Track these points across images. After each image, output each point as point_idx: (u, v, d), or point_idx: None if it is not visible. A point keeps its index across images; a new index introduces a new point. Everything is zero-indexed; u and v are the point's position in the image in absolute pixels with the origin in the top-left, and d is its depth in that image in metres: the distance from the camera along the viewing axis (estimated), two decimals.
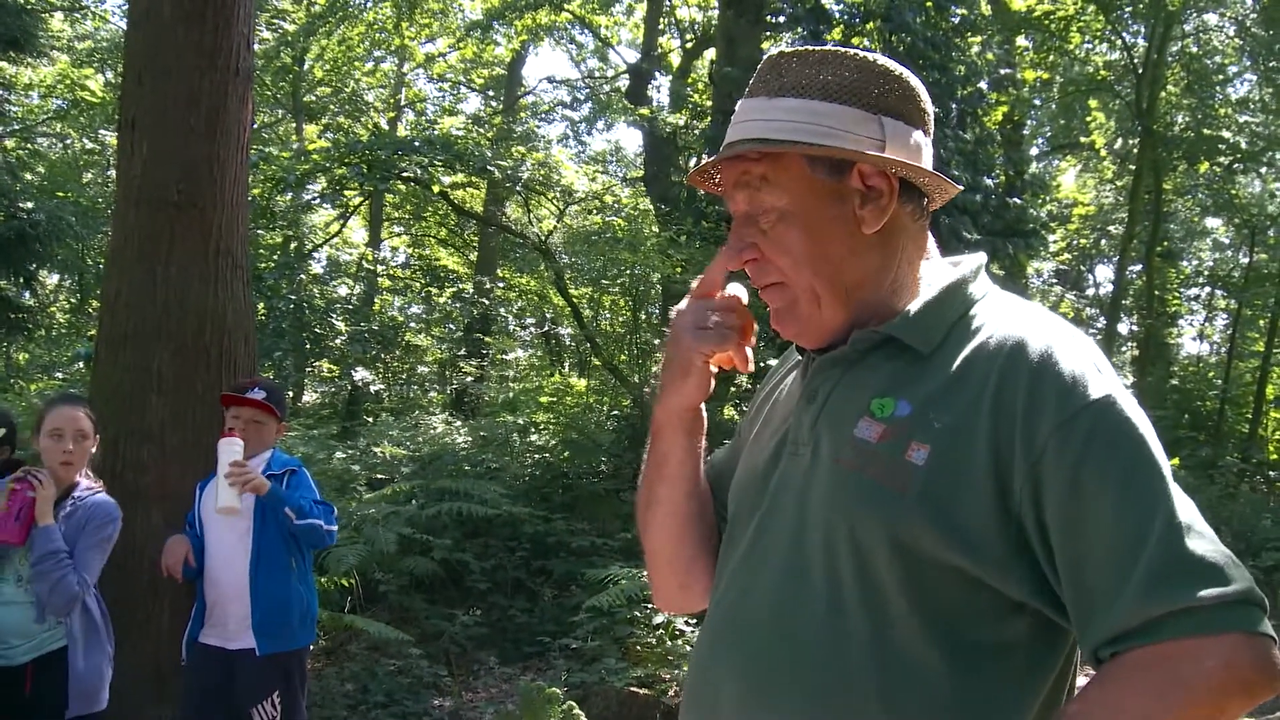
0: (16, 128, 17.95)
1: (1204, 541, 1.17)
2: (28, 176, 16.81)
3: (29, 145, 19.62)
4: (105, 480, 5.06)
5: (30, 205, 12.47)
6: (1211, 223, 22.47)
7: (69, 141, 21.58)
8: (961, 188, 1.48)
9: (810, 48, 1.43)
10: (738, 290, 1.50)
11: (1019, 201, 12.46)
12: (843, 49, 1.42)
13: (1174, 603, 1.14)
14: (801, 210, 1.38)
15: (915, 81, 1.43)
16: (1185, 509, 1.19)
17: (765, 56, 1.46)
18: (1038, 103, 18.87)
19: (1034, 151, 20.81)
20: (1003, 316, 1.35)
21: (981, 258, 1.48)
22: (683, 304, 1.50)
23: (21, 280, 12.04)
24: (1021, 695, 1.28)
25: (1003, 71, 14.23)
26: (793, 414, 1.46)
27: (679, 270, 11.03)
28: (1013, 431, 1.23)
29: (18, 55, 11.30)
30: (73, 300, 18.87)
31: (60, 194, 17.02)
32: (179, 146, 5.37)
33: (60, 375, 15.30)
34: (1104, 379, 1.25)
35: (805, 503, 1.36)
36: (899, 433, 1.30)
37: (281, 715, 4.09)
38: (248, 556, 4.09)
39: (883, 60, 1.42)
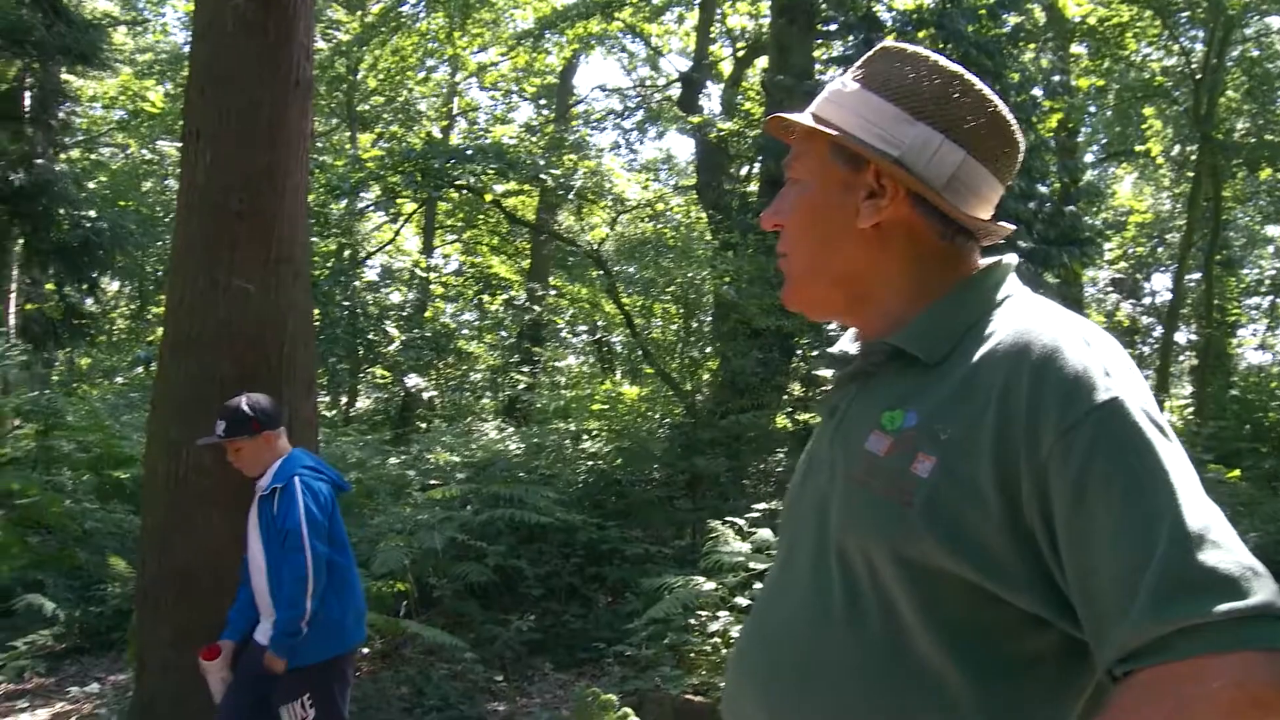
0: (81, 138, 18.28)
1: (1219, 552, 1.11)
2: (90, 186, 17.14)
3: (92, 155, 20.00)
4: (171, 484, 5.18)
5: (93, 214, 12.73)
6: (1272, 230, 22.15)
7: (128, 151, 21.97)
8: (1009, 228, 1.46)
9: (924, 51, 1.43)
10: None
11: (1073, 209, 12.33)
12: (953, 64, 1.41)
13: (1183, 619, 1.08)
14: (813, 187, 1.44)
15: (1007, 124, 1.42)
16: (1200, 518, 1.13)
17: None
18: (1092, 110, 18.69)
19: (1089, 159, 20.61)
20: (1014, 320, 1.31)
21: (1006, 260, 1.45)
22: None
23: (85, 287, 12.33)
24: (1052, 710, 1.25)
25: (1056, 79, 14.09)
26: (818, 430, 1.48)
27: (729, 279, 11.03)
28: (1017, 441, 1.19)
29: (84, 69, 11.55)
30: (133, 306, 19.18)
31: (122, 203, 17.35)
32: (241, 156, 5.43)
33: (121, 379, 15.55)
34: (1112, 381, 1.20)
35: (824, 520, 1.36)
36: (906, 445, 1.28)
37: (317, 718, 4.12)
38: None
39: (981, 87, 1.41)
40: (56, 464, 9.84)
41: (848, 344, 1.54)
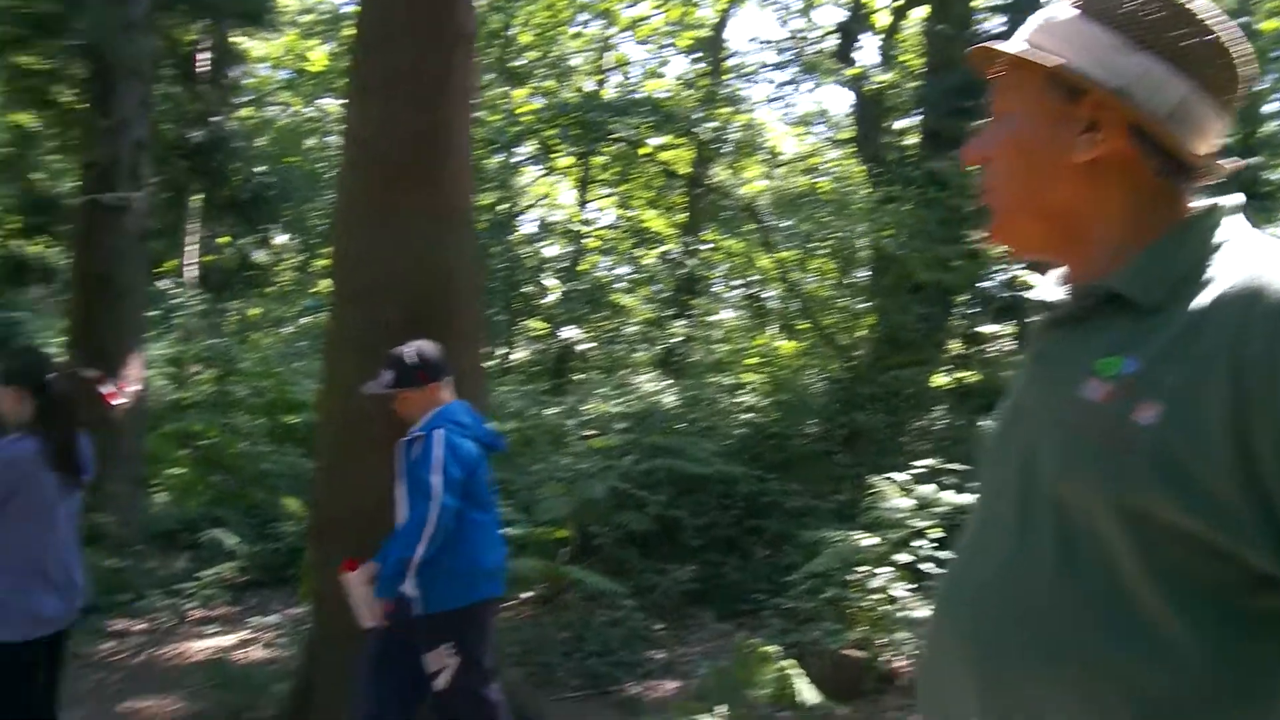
0: (250, 97, 18.94)
1: None
2: (258, 143, 17.78)
3: (260, 114, 20.73)
4: (341, 428, 5.33)
5: (263, 169, 13.24)
6: None
7: (290, 110, 22.68)
8: (1229, 166, 1.37)
9: None
10: None
11: (1254, 161, 11.75)
12: None
13: None
14: (1023, 120, 1.37)
15: (1234, 55, 1.32)
16: None
17: None
18: (1277, 55, 17.69)
19: (1272, 108, 19.53)
20: (1242, 264, 1.23)
21: (1230, 200, 1.36)
22: None
23: (257, 239, 12.87)
24: None
25: (1239, 21, 13.38)
26: (1021, 377, 1.42)
27: (890, 233, 10.80)
28: (1254, 390, 1.12)
29: (253, 30, 11.96)
30: (300, 258, 19.85)
31: (286, 159, 17.94)
32: (406, 110, 5.49)
33: (289, 329, 16.14)
34: None
35: (1032, 469, 1.30)
36: (1126, 393, 1.21)
37: (461, 666, 4.18)
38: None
39: (1209, 16, 1.31)
40: (233, 408, 10.30)
41: (1049, 290, 1.47)
